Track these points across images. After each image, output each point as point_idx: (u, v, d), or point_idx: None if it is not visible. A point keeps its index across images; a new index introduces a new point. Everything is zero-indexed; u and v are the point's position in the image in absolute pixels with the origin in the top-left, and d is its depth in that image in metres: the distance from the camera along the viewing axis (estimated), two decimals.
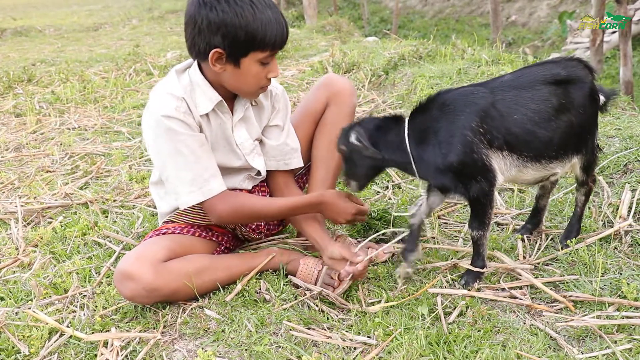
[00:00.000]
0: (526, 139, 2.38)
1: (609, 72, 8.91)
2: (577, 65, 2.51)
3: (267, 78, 2.54)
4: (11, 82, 7.44)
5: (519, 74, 2.49)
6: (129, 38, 14.15)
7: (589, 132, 2.53)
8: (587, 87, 2.46)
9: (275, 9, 2.43)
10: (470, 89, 2.46)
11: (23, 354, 2.32)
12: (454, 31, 14.75)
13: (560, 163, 2.49)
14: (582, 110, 2.45)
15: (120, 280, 2.46)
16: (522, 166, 2.44)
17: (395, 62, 6.40)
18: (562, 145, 2.44)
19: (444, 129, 2.39)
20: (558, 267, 2.64)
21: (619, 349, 2.10)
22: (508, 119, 2.36)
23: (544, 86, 2.41)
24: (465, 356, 2.13)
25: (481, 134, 2.34)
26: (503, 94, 2.41)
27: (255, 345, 2.29)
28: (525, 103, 2.39)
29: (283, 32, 2.45)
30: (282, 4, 18.63)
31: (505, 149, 2.39)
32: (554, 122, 2.39)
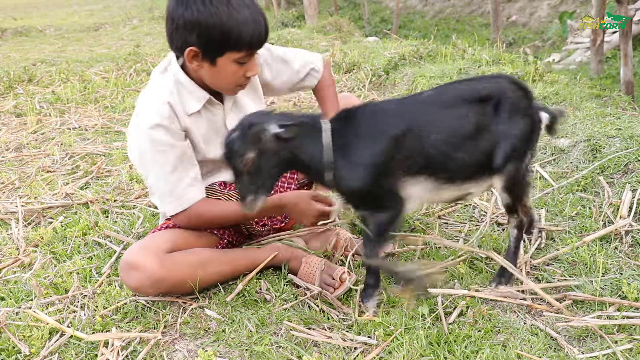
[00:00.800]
0: (442, 160, 2.27)
1: (609, 72, 8.89)
2: (504, 82, 2.37)
3: (245, 77, 2.53)
4: (12, 82, 7.44)
5: (439, 91, 2.39)
6: (130, 38, 14.15)
7: (512, 152, 2.31)
8: (512, 106, 2.30)
9: (254, 8, 2.39)
10: (389, 108, 2.35)
11: (24, 354, 2.32)
12: (454, 31, 14.74)
13: (475, 183, 2.38)
14: (505, 129, 2.29)
15: (126, 270, 2.48)
16: (438, 188, 2.34)
17: (396, 62, 6.41)
18: (478, 166, 2.32)
19: (359, 149, 2.24)
20: (559, 267, 2.64)
21: (620, 349, 2.10)
22: (425, 140, 2.24)
23: (464, 104, 2.29)
24: (465, 356, 2.12)
25: (396, 158, 2.23)
26: (421, 113, 2.30)
27: (255, 345, 2.29)
28: (443, 122, 2.27)
29: (260, 32, 2.40)
30: (283, 4, 18.63)
31: (422, 172, 2.28)
32: (471, 142, 2.27)
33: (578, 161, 3.44)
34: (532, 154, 2.44)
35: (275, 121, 2.21)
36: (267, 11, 18.37)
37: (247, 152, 2.18)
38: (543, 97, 4.40)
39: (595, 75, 8.14)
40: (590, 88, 5.21)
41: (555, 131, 2.52)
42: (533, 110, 2.39)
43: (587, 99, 4.48)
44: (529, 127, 2.36)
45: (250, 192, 2.24)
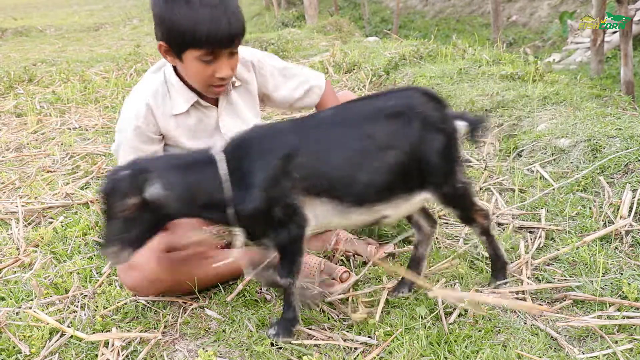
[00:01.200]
0: (346, 182, 2.14)
1: (609, 72, 8.89)
2: (413, 95, 2.27)
3: (217, 77, 2.45)
4: (12, 82, 7.44)
5: (340, 109, 2.28)
6: (130, 38, 14.17)
7: (438, 166, 2.21)
8: (424, 119, 2.19)
9: (219, 7, 2.30)
10: (282, 127, 2.24)
11: (24, 354, 2.32)
12: (454, 31, 14.74)
13: (388, 204, 2.21)
14: (420, 144, 2.17)
15: (124, 270, 2.49)
16: (344, 211, 2.19)
17: (396, 62, 6.40)
18: (389, 186, 2.18)
19: (251, 171, 2.11)
20: (559, 267, 2.64)
21: (620, 349, 2.10)
22: (323, 161, 2.13)
23: (368, 122, 2.17)
24: (466, 356, 2.12)
25: (291, 179, 2.10)
26: (318, 133, 2.18)
27: (256, 345, 2.29)
28: (343, 142, 2.15)
29: (218, 31, 2.30)
30: (283, 4, 18.63)
31: (322, 195, 2.15)
32: (379, 163, 2.14)
33: (578, 161, 3.44)
34: (459, 165, 2.31)
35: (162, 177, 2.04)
36: (267, 11, 18.40)
37: (130, 196, 2.00)
38: (543, 97, 4.40)
39: (595, 75, 8.14)
40: (590, 88, 5.20)
41: (478, 139, 2.35)
42: (447, 121, 2.25)
43: (587, 99, 4.47)
44: (445, 140, 2.22)
45: (117, 242, 2.04)
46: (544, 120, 4.05)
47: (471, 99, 4.58)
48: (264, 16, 18.02)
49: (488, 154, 4.03)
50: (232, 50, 2.42)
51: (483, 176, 3.65)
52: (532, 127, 4.02)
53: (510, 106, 4.40)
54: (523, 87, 4.70)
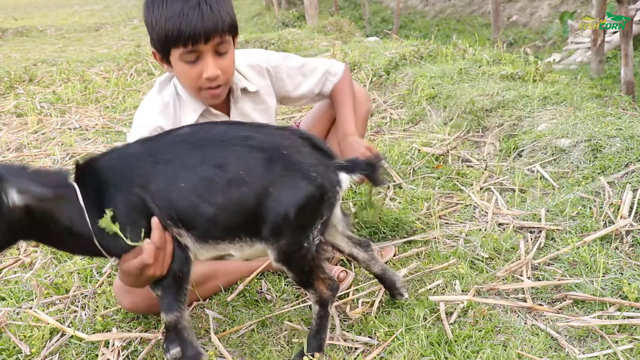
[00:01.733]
0: (191, 214, 1.94)
1: (610, 72, 8.89)
2: (287, 136, 2.05)
3: (204, 78, 2.35)
4: (12, 82, 7.44)
5: (199, 128, 2.10)
6: (130, 38, 14.17)
7: (282, 217, 1.93)
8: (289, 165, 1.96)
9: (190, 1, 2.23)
10: (137, 150, 2.03)
11: (24, 354, 2.32)
12: (455, 31, 14.74)
13: (232, 245, 2.02)
14: (273, 189, 1.93)
15: (120, 293, 2.47)
16: (197, 247, 2.02)
17: (397, 62, 6.40)
18: (230, 225, 1.97)
19: (112, 201, 1.91)
20: (559, 267, 2.64)
21: (620, 349, 2.10)
22: (175, 188, 1.92)
23: (223, 148, 1.97)
24: (466, 356, 2.13)
25: (154, 207, 1.93)
26: (172, 154, 1.97)
27: (256, 345, 2.29)
28: (194, 166, 1.94)
29: (188, 25, 2.22)
30: (284, 4, 18.63)
31: (181, 225, 1.96)
32: (225, 198, 1.92)
33: (579, 161, 3.44)
34: (321, 222, 2.04)
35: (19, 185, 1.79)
36: (267, 11, 18.40)
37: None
38: (544, 97, 4.40)
39: (595, 75, 8.14)
40: (590, 88, 5.20)
41: (379, 181, 2.14)
42: (324, 172, 1.99)
43: (587, 99, 4.47)
44: (311, 192, 1.95)
45: None
46: (545, 120, 4.05)
47: (471, 99, 4.58)
48: (264, 16, 18.02)
49: (488, 154, 4.04)
50: (217, 49, 2.32)
51: (483, 176, 3.65)
52: (532, 127, 4.02)
53: (510, 106, 4.40)
54: (523, 87, 4.70)
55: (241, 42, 9.52)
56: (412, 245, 2.97)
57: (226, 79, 2.42)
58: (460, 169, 3.84)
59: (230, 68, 2.43)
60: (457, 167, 3.87)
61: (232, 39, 2.39)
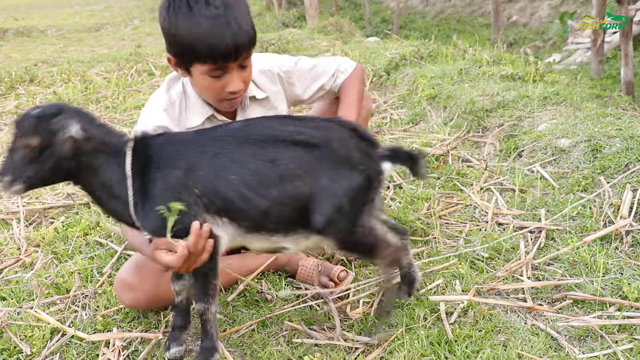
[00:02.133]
0: (242, 205, 1.99)
1: (610, 72, 8.89)
2: (334, 129, 2.09)
3: (227, 91, 2.33)
4: (13, 82, 7.45)
5: (250, 122, 2.12)
6: (131, 38, 14.17)
7: (337, 209, 2.00)
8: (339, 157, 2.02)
9: (222, 17, 2.17)
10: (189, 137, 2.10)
11: (25, 353, 2.33)
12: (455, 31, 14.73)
13: (286, 238, 2.08)
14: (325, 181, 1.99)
15: (121, 289, 2.48)
16: (244, 236, 2.07)
17: (397, 62, 6.41)
18: (285, 219, 2.03)
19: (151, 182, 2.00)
20: (559, 267, 2.64)
21: (620, 349, 2.10)
22: (223, 180, 1.98)
23: (277, 146, 2.01)
24: (466, 356, 2.13)
25: (193, 195, 1.98)
26: (222, 147, 2.03)
27: (256, 345, 2.29)
28: (244, 161, 2.00)
29: (220, 45, 2.17)
30: (284, 4, 18.63)
31: (223, 215, 2.02)
32: (279, 192, 1.98)
33: (579, 161, 3.44)
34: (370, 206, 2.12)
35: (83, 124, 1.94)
36: (267, 11, 18.38)
37: (34, 136, 1.90)
38: (544, 97, 4.40)
39: (595, 75, 8.14)
40: (590, 88, 5.21)
41: (420, 174, 2.21)
42: (370, 163, 2.09)
43: (587, 99, 4.48)
44: (361, 183, 2.03)
45: (11, 173, 1.91)
46: (545, 120, 4.05)
47: (472, 99, 4.58)
48: (264, 16, 18.00)
49: (488, 154, 4.04)
50: (242, 63, 2.30)
51: (483, 176, 3.66)
52: (532, 127, 4.02)
53: (510, 106, 4.40)
54: (523, 88, 4.70)
55: None
56: (413, 245, 2.98)
57: (246, 88, 2.43)
58: (461, 169, 3.84)
59: (250, 77, 2.43)
60: (457, 167, 3.87)
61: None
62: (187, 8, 2.16)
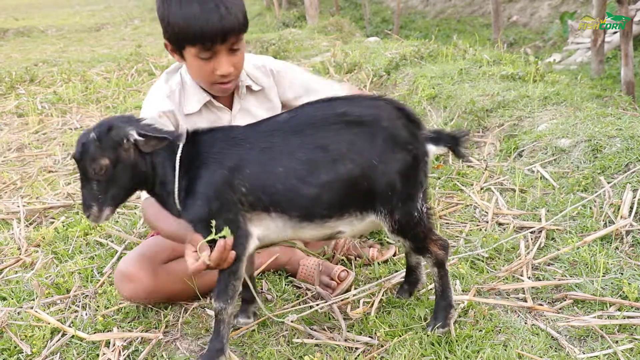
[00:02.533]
0: (291, 197, 2.01)
1: (610, 72, 8.89)
2: (383, 107, 2.09)
3: (218, 74, 2.40)
4: (13, 82, 7.45)
5: (296, 112, 2.12)
6: (131, 38, 14.18)
7: (390, 187, 2.03)
8: (389, 137, 2.02)
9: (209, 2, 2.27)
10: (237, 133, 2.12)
11: (25, 353, 2.33)
12: (455, 31, 14.73)
13: (341, 221, 2.08)
14: (377, 160, 2.01)
15: (120, 280, 2.49)
16: (296, 227, 2.08)
17: (397, 62, 6.41)
18: (338, 202, 2.03)
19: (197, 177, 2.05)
20: (559, 267, 2.64)
21: (620, 348, 2.10)
22: (271, 174, 2.00)
23: (323, 128, 2.02)
24: (466, 356, 2.13)
25: (239, 193, 2.01)
26: (270, 141, 2.04)
27: (257, 344, 2.29)
28: (292, 152, 2.01)
29: (208, 27, 2.27)
30: (284, 4, 18.63)
31: (272, 209, 2.04)
32: (326, 175, 1.99)
33: (579, 161, 3.44)
34: (423, 191, 2.13)
35: (137, 128, 2.02)
36: (268, 11, 18.38)
37: (102, 157, 1.97)
38: (544, 97, 4.40)
39: (596, 75, 8.14)
40: (591, 88, 5.21)
41: (462, 154, 2.19)
42: (417, 143, 2.08)
43: (587, 99, 4.47)
44: (410, 162, 2.05)
45: (96, 202, 2.01)
46: (545, 120, 4.05)
47: (472, 99, 4.58)
48: (264, 16, 18.01)
49: (489, 154, 4.04)
50: (232, 47, 2.37)
51: (484, 176, 3.66)
52: (532, 127, 4.02)
53: (510, 106, 4.40)
54: (524, 88, 4.70)
55: None
56: None
57: (237, 74, 2.49)
58: (461, 169, 3.84)
59: (241, 64, 2.49)
60: (457, 167, 3.87)
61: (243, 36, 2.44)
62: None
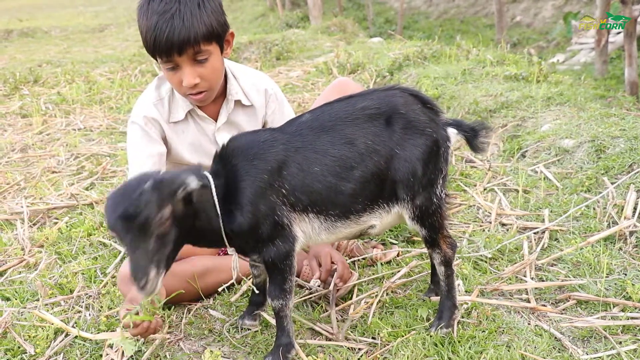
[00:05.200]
0: (330, 195, 2.02)
1: (614, 72, 8.88)
2: (397, 95, 2.12)
3: (185, 86, 2.38)
4: (17, 83, 7.47)
5: (319, 112, 2.12)
6: (135, 39, 14.18)
7: (411, 174, 2.05)
8: (407, 123, 2.05)
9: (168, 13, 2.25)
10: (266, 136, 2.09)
11: (29, 354, 2.33)
12: (458, 32, 14.74)
13: (372, 215, 2.10)
14: (398, 149, 2.04)
15: (123, 282, 2.48)
16: (331, 227, 2.09)
17: (400, 62, 6.41)
18: (370, 195, 2.06)
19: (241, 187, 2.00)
20: (563, 267, 2.64)
21: (624, 349, 2.10)
22: (308, 173, 2.00)
23: (347, 124, 2.04)
24: (469, 357, 2.13)
25: (280, 195, 2.00)
26: (301, 141, 2.03)
27: (260, 345, 2.29)
28: (325, 149, 2.01)
29: (161, 39, 2.25)
30: (287, 4, 18.64)
31: (310, 210, 2.04)
32: (358, 170, 2.01)
33: (582, 162, 3.44)
34: (442, 177, 2.14)
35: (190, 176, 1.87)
36: (271, 12, 18.41)
37: (165, 206, 1.80)
38: (547, 97, 4.40)
39: (599, 75, 8.13)
40: (594, 89, 5.20)
41: (479, 147, 2.20)
42: (437, 127, 2.10)
43: (591, 99, 4.47)
44: (430, 147, 2.06)
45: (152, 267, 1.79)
46: (548, 120, 4.04)
47: (475, 100, 4.58)
48: (268, 17, 18.04)
49: (492, 154, 4.03)
50: (195, 58, 2.33)
51: (487, 177, 3.65)
52: (536, 128, 4.02)
53: (514, 107, 4.40)
54: (527, 88, 4.69)
55: (245, 43, 9.53)
56: (417, 246, 2.98)
57: (209, 85, 2.44)
58: (464, 169, 3.84)
59: (212, 75, 2.43)
60: (460, 167, 3.86)
61: (215, 45, 2.39)
62: (146, 4, 2.31)
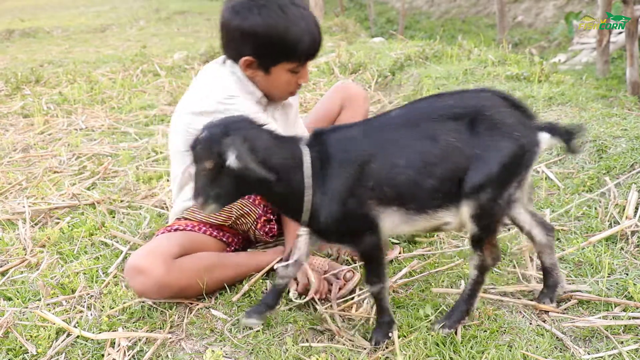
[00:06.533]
0: (411, 189, 2.06)
1: (615, 72, 8.87)
2: (487, 97, 2.14)
3: (297, 84, 2.64)
4: (19, 83, 7.47)
5: (407, 109, 2.18)
6: (136, 39, 14.18)
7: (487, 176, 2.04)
8: (492, 125, 2.06)
9: (309, 19, 2.46)
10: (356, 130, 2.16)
11: (30, 353, 2.33)
12: (460, 32, 14.72)
13: (449, 212, 2.13)
14: (479, 149, 2.05)
15: (132, 274, 2.49)
16: (409, 220, 2.13)
17: (402, 62, 6.41)
18: (448, 192, 2.08)
19: (333, 175, 2.08)
20: (564, 267, 2.64)
21: (626, 349, 2.10)
22: (393, 167, 2.06)
23: (432, 122, 2.07)
24: (471, 356, 2.13)
25: (368, 187, 2.06)
26: (388, 136, 2.10)
27: (262, 345, 2.29)
28: (410, 145, 2.07)
29: (315, 44, 2.50)
30: None
31: (394, 203, 2.09)
32: (441, 167, 2.05)
33: (584, 161, 3.44)
34: (518, 183, 2.14)
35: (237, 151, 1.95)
36: None
37: (205, 160, 2.00)
38: (549, 97, 4.39)
39: (601, 75, 8.12)
40: (596, 88, 5.20)
41: (576, 149, 2.20)
42: (526, 131, 2.09)
43: (593, 99, 4.47)
44: (514, 151, 2.05)
45: (203, 195, 2.02)
46: (550, 120, 4.04)
47: None
48: None
49: None
50: None
51: None
52: None
53: None
54: (529, 88, 4.69)
55: None
56: (417, 246, 2.98)
57: None
58: None
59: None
60: None
61: None
62: (280, 10, 2.39)
